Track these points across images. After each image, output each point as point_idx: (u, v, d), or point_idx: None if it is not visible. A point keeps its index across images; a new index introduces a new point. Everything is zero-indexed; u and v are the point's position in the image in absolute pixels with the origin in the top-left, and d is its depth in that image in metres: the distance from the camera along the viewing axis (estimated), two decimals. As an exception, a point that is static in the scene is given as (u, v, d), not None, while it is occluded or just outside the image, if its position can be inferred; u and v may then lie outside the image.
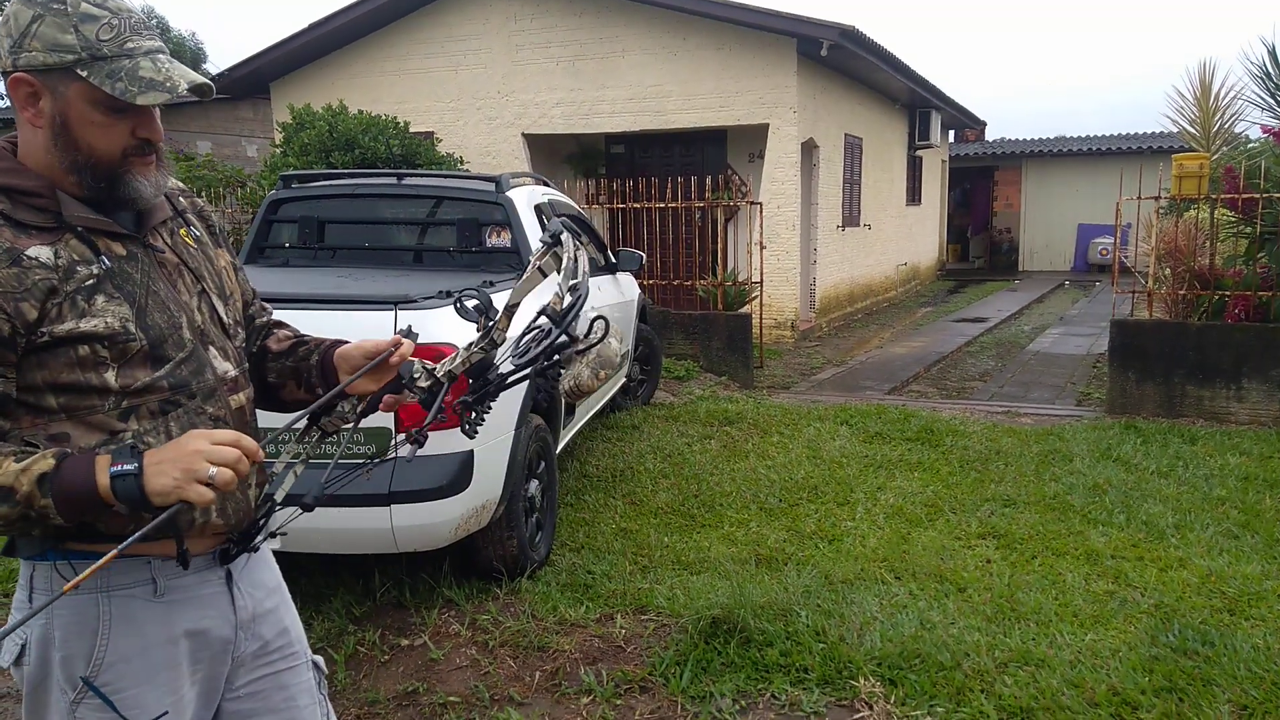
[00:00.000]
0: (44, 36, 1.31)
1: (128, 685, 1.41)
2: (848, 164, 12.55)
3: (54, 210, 1.36)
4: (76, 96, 1.34)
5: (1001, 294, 16.53)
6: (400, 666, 3.27)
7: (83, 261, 1.36)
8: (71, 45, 1.32)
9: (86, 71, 1.33)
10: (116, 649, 1.40)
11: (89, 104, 1.34)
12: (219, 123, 14.25)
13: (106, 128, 1.36)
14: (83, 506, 1.28)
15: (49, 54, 1.32)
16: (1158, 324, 6.89)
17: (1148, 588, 3.74)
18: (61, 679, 1.39)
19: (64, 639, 1.39)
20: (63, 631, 1.39)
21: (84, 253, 1.37)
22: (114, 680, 1.40)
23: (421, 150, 9.52)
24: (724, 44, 10.38)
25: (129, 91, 1.33)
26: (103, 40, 1.33)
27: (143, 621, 1.42)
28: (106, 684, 1.39)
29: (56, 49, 1.32)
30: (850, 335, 11.76)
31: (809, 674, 3.09)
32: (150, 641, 1.43)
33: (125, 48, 1.34)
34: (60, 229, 1.36)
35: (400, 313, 3.28)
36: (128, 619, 1.41)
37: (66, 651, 1.39)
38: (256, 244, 4.94)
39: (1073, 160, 20.55)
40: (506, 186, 4.68)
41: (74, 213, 1.38)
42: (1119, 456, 5.57)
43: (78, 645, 1.39)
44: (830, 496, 4.94)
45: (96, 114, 1.35)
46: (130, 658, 1.41)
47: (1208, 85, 9.13)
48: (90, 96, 1.34)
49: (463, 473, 3.37)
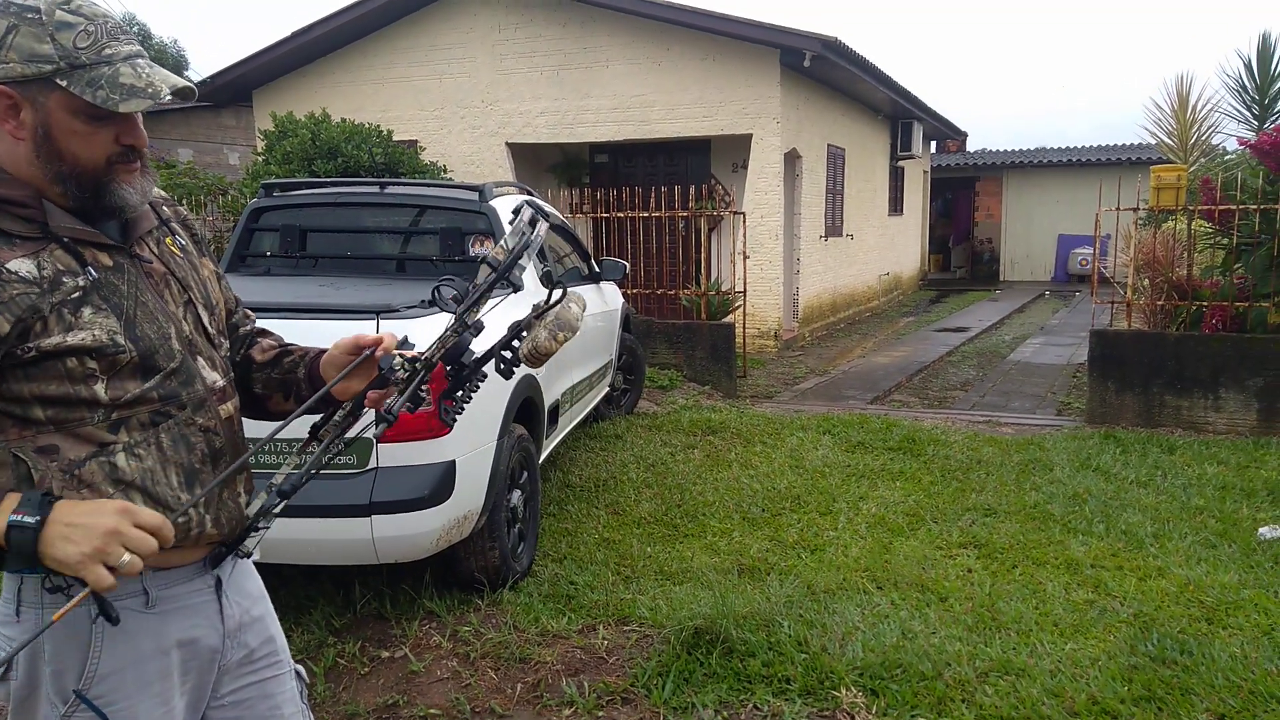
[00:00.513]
0: (20, 47, 1.29)
1: (120, 698, 1.40)
2: (830, 174, 12.62)
3: (40, 220, 1.35)
4: (57, 106, 1.32)
5: (983, 304, 16.64)
6: (380, 679, 3.25)
7: (69, 273, 1.35)
8: (49, 55, 1.30)
9: (66, 81, 1.30)
10: (109, 661, 1.39)
11: (70, 113, 1.32)
12: (201, 130, 14.18)
13: (89, 136, 1.35)
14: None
15: (26, 65, 1.30)
16: (1136, 334, 6.95)
17: (1127, 597, 3.76)
18: (51, 693, 1.37)
19: (55, 653, 1.37)
20: (53, 645, 1.37)
21: (70, 264, 1.35)
22: (107, 693, 1.39)
23: (405, 159, 9.50)
24: (708, 54, 10.42)
25: (110, 99, 1.31)
26: (80, 48, 1.31)
27: (135, 633, 1.41)
28: (99, 697, 1.38)
29: (34, 59, 1.30)
30: (833, 345, 11.81)
31: (791, 684, 3.09)
32: (143, 653, 1.42)
33: (104, 54, 1.32)
34: (45, 239, 1.35)
35: (383, 322, 3.26)
36: (120, 630, 1.39)
37: (57, 665, 1.37)
38: (238, 252, 4.91)
39: (1053, 171, 20.75)
40: (490, 196, 4.67)
41: (60, 223, 1.36)
42: (1098, 466, 5.61)
43: (69, 658, 1.37)
44: (813, 506, 4.95)
45: (78, 123, 1.33)
46: (123, 669, 1.40)
47: (1185, 98, 9.26)
48: (71, 106, 1.32)
49: (444, 483, 3.35)
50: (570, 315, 1.52)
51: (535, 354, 1.52)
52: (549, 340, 1.50)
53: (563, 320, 1.51)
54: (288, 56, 11.69)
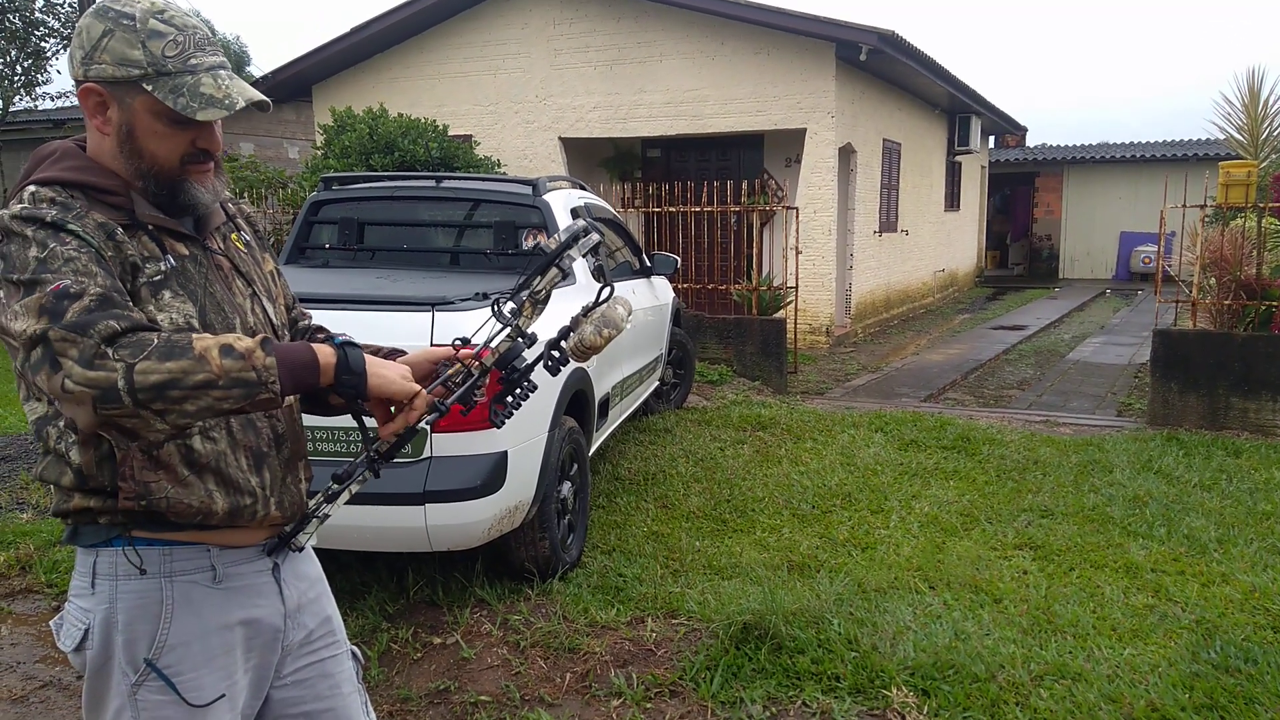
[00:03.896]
0: (113, 51, 1.39)
1: (187, 668, 1.46)
2: (885, 169, 12.46)
3: (128, 208, 1.43)
4: (141, 108, 1.42)
5: (1041, 301, 16.31)
6: (432, 664, 3.30)
7: (152, 258, 1.43)
8: (138, 60, 1.39)
9: (151, 86, 1.40)
10: (178, 633, 1.45)
11: (153, 115, 1.42)
12: (262, 125, 14.47)
13: (168, 138, 1.44)
14: (300, 374, 1.35)
15: (117, 68, 1.39)
16: (1202, 334, 6.76)
17: (1189, 603, 3.67)
18: (124, 662, 1.44)
19: (127, 622, 1.44)
20: (126, 615, 1.44)
21: (154, 250, 1.44)
22: (175, 663, 1.45)
23: (459, 153, 9.59)
24: (761, 48, 10.35)
25: (190, 107, 1.40)
26: (168, 57, 1.40)
27: (202, 606, 1.48)
28: (168, 666, 1.45)
29: (124, 63, 1.39)
30: (886, 341, 11.67)
31: (841, 682, 3.07)
32: (209, 626, 1.48)
33: (189, 64, 1.42)
34: (133, 226, 1.43)
35: (437, 314, 3.31)
36: (189, 603, 1.47)
37: (130, 635, 1.44)
38: (297, 244, 5.01)
39: (1116, 167, 20.24)
40: (543, 190, 4.70)
41: (145, 212, 1.44)
42: (1160, 468, 5.47)
43: (141, 628, 1.44)
44: (864, 504, 4.90)
45: (160, 125, 1.43)
46: (190, 641, 1.46)
47: (1256, 92, 8.97)
48: (154, 109, 1.42)
49: (497, 473, 3.39)
50: (616, 314, 1.58)
51: (581, 348, 1.57)
52: (594, 335, 1.56)
53: (609, 318, 1.57)
54: (346, 52, 11.88)
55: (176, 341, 1.27)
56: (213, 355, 1.27)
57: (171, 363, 1.24)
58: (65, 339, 1.23)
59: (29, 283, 1.28)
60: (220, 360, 1.27)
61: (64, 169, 1.42)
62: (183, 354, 1.25)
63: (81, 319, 1.24)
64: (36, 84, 12.73)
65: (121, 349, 1.24)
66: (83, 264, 1.30)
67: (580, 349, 1.56)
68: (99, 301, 1.27)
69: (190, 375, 1.25)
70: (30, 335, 1.25)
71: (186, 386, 1.25)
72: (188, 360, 1.25)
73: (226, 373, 1.27)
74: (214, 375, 1.26)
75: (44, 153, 1.47)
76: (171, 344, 1.26)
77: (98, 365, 1.22)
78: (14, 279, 1.29)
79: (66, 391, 1.23)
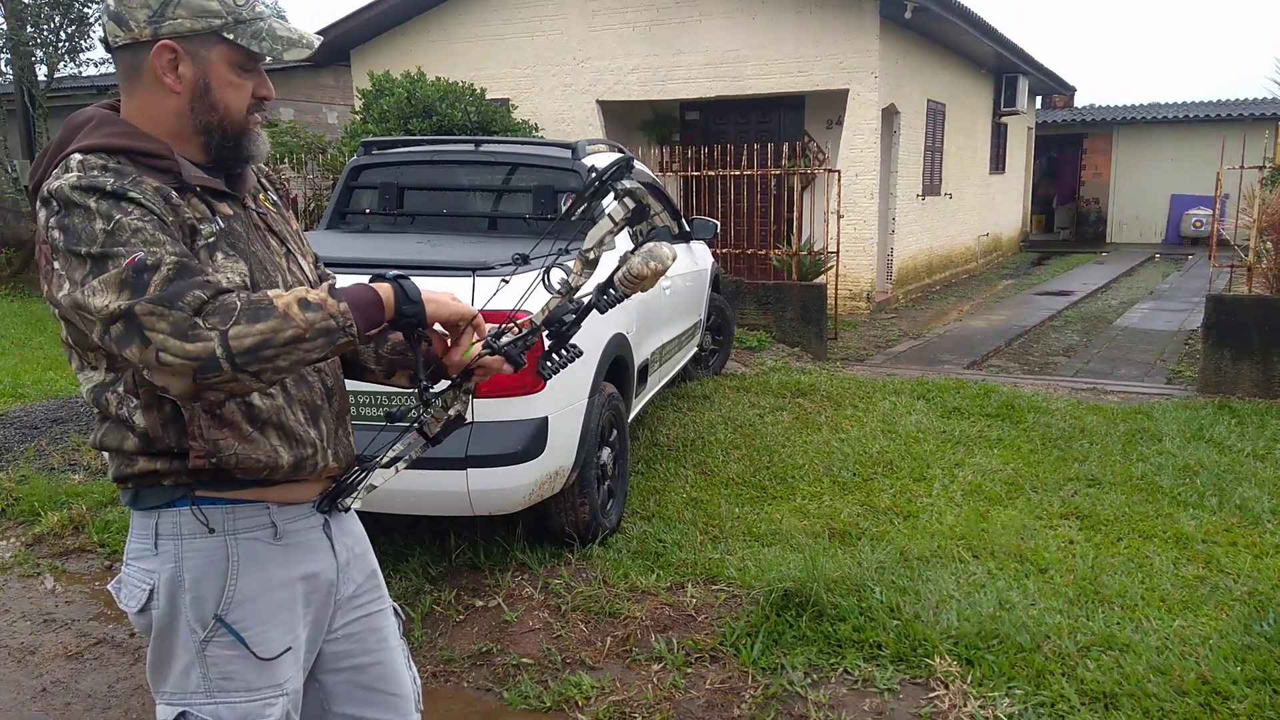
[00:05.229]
0: (189, 4, 1.40)
1: (254, 623, 1.49)
2: (929, 131, 12.21)
3: (175, 172, 1.42)
4: (219, 59, 1.43)
5: (1088, 266, 15.97)
6: (475, 627, 3.33)
7: (204, 220, 1.43)
8: (217, 10, 1.41)
9: (233, 34, 1.42)
10: (244, 588, 1.48)
11: (229, 65, 1.44)
12: (301, 90, 14.50)
13: (239, 88, 1.46)
14: (369, 312, 1.40)
15: (196, 20, 1.40)
16: (1258, 300, 6.57)
17: (1241, 574, 3.59)
18: (191, 619, 1.46)
19: (194, 580, 1.46)
20: (193, 574, 1.46)
21: (204, 211, 1.44)
22: (242, 618, 1.48)
23: (497, 117, 9.54)
24: (803, 7, 10.14)
25: (275, 49, 1.44)
26: (240, 4, 1.43)
27: (266, 562, 1.50)
28: (236, 622, 1.48)
29: (204, 15, 1.40)
30: (928, 307, 11.51)
31: (883, 650, 3.05)
32: (273, 582, 1.51)
33: (257, 10, 1.45)
34: (182, 189, 1.42)
35: (477, 278, 3.30)
36: (253, 560, 1.49)
37: (197, 593, 1.46)
38: (338, 210, 5.02)
39: (1168, 128, 19.65)
40: (583, 153, 4.66)
41: (192, 173, 1.44)
42: (1211, 437, 5.35)
43: (209, 586, 1.47)
44: (906, 472, 4.85)
45: (234, 75, 1.45)
46: (256, 597, 1.49)
47: (1321, 47, 8.61)
48: (231, 58, 1.44)
49: (538, 438, 3.39)
50: (662, 251, 1.58)
51: (629, 277, 1.58)
52: (642, 266, 1.56)
53: (655, 254, 1.57)
54: (384, 16, 11.83)
55: (258, 302, 1.29)
56: (294, 310, 1.30)
57: (261, 324, 1.27)
58: (153, 313, 1.24)
59: (99, 256, 1.28)
60: (302, 314, 1.30)
61: (107, 135, 1.40)
62: (269, 314, 1.28)
63: (166, 292, 1.25)
64: (80, 50, 12.84)
65: (210, 316, 1.26)
66: (149, 233, 1.30)
67: (628, 278, 1.58)
68: (177, 270, 1.28)
69: (280, 333, 1.28)
70: (113, 311, 1.25)
71: (278, 344, 1.28)
72: (275, 319, 1.28)
73: (311, 325, 1.31)
74: (300, 330, 1.30)
75: (79, 119, 1.45)
76: (255, 305, 1.29)
77: (193, 337, 1.24)
78: (81, 252, 1.29)
79: (163, 364, 1.24)
